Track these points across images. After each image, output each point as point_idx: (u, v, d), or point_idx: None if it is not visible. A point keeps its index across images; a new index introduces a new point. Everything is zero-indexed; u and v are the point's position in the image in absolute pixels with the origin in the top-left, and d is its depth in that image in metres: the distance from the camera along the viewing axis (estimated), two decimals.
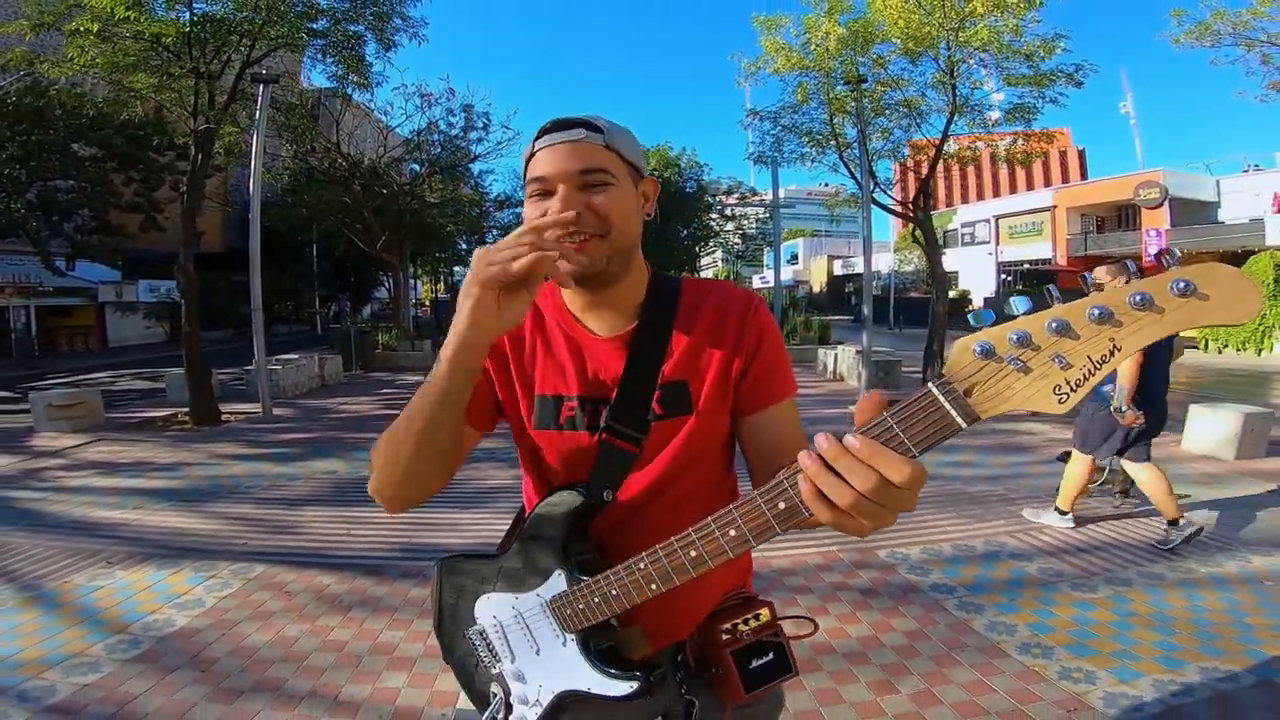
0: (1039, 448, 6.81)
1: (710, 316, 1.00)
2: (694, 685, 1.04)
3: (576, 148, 0.91)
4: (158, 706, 2.44)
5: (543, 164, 0.91)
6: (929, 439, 0.63)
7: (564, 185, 0.90)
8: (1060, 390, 0.59)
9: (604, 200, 0.91)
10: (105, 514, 4.73)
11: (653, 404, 0.97)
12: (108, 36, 7.39)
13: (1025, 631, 2.97)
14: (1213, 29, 12.84)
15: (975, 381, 0.61)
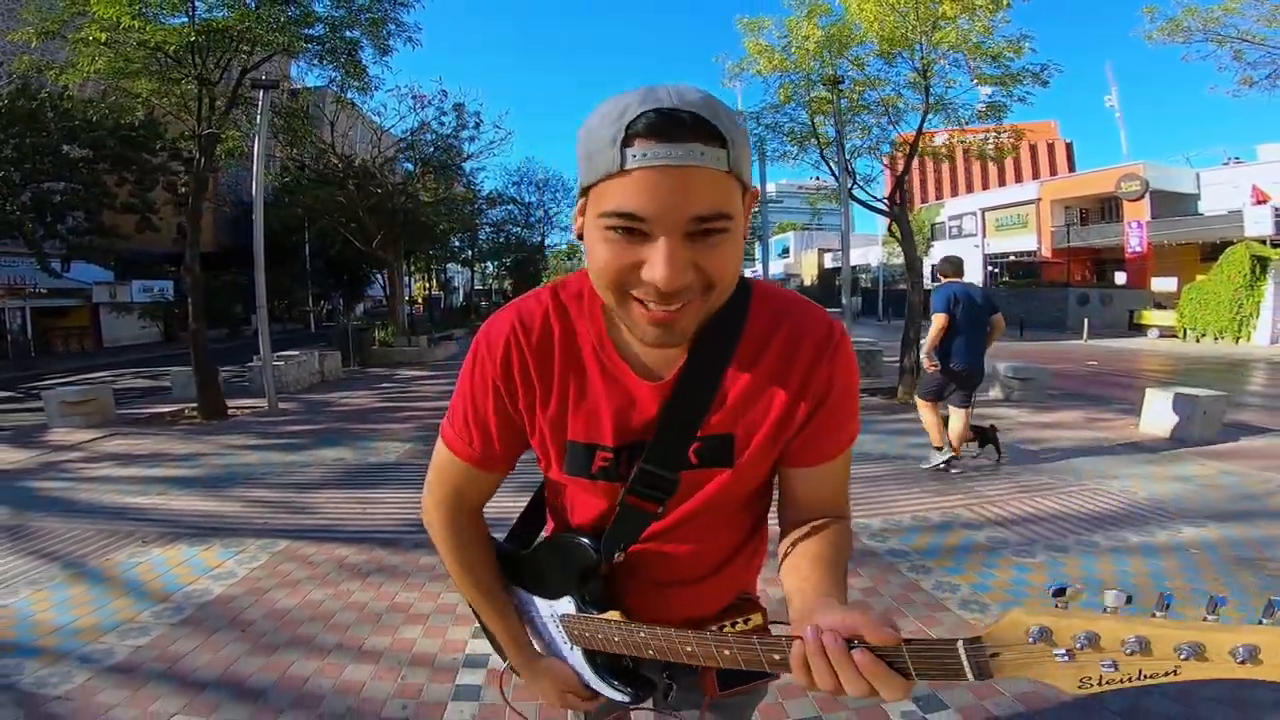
0: (1005, 430, 7.22)
1: (778, 353, 0.85)
2: (674, 669, 1.02)
3: (695, 177, 0.66)
4: (205, 662, 2.79)
5: (639, 194, 0.66)
6: (932, 677, 0.62)
7: (669, 236, 0.67)
8: (1087, 682, 0.55)
9: (719, 257, 0.70)
10: (131, 500, 5.09)
11: (689, 454, 0.86)
12: (113, 44, 7.68)
13: (966, 590, 3.37)
14: (1184, 25, 13.22)
15: (1010, 653, 0.57)
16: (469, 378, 0.90)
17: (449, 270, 39.67)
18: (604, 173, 0.67)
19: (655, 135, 0.65)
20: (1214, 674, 0.51)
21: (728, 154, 0.67)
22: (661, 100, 0.66)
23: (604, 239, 0.70)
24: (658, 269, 0.67)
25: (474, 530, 1.01)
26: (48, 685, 2.55)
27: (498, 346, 0.87)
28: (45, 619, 3.14)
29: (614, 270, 0.70)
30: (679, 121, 0.65)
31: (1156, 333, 22.78)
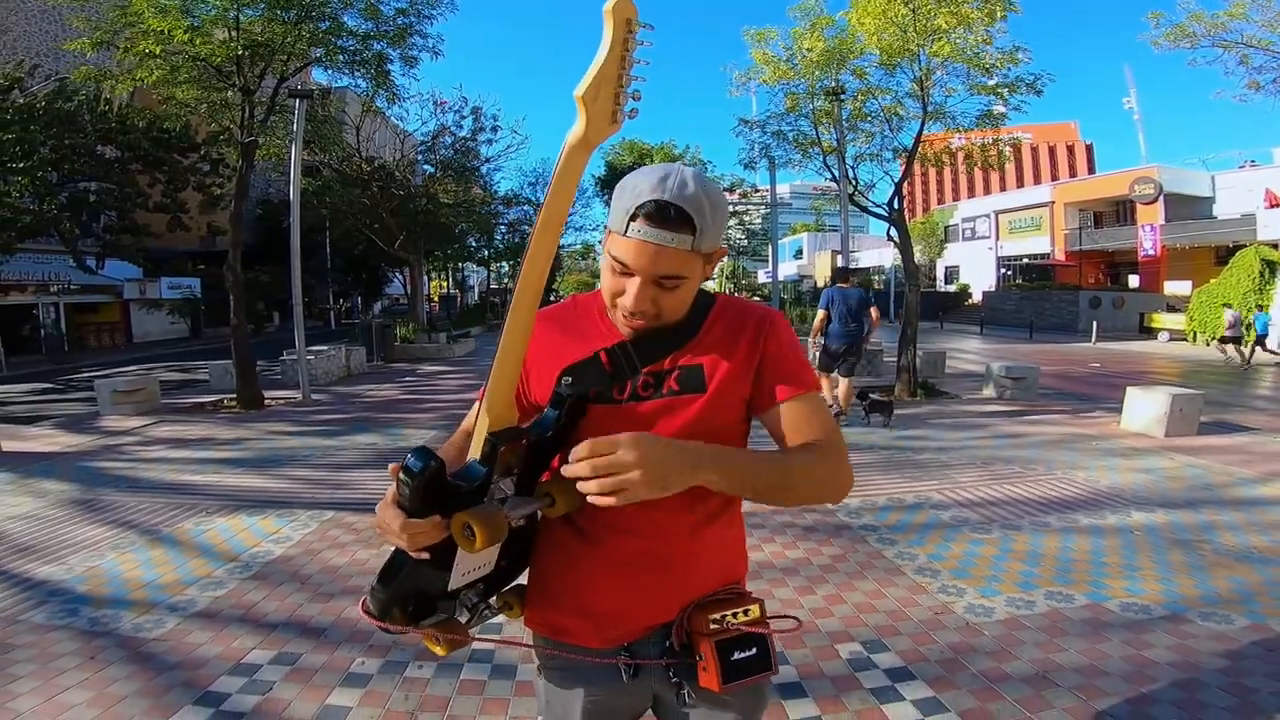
0: (991, 425, 7.71)
1: (728, 325, 1.11)
2: (680, 671, 1.09)
3: (663, 253, 0.96)
4: (274, 608, 3.32)
5: (629, 253, 0.98)
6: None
7: (640, 282, 0.99)
8: None
9: (671, 297, 1.02)
10: (189, 478, 5.69)
11: (672, 383, 1.08)
12: (165, 55, 8.28)
13: (923, 559, 3.85)
14: (1189, 31, 13.45)
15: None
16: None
17: (465, 269, 40.36)
18: (618, 229, 0.99)
19: (648, 220, 0.96)
20: None
21: (694, 238, 0.97)
22: (665, 192, 0.95)
23: (609, 268, 1.03)
24: (628, 299, 1.01)
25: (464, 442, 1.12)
26: (144, 630, 3.04)
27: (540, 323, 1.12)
28: (133, 576, 3.66)
29: (609, 289, 1.04)
30: (666, 214, 0.95)
31: (1167, 336, 22.88)
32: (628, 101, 0.87)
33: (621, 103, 0.87)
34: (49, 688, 2.55)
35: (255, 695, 2.53)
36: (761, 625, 1.06)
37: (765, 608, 1.09)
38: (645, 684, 1.13)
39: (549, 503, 0.98)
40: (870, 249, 48.51)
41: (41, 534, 4.30)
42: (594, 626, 1.10)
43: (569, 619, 1.12)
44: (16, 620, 3.11)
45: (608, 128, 0.87)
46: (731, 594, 1.12)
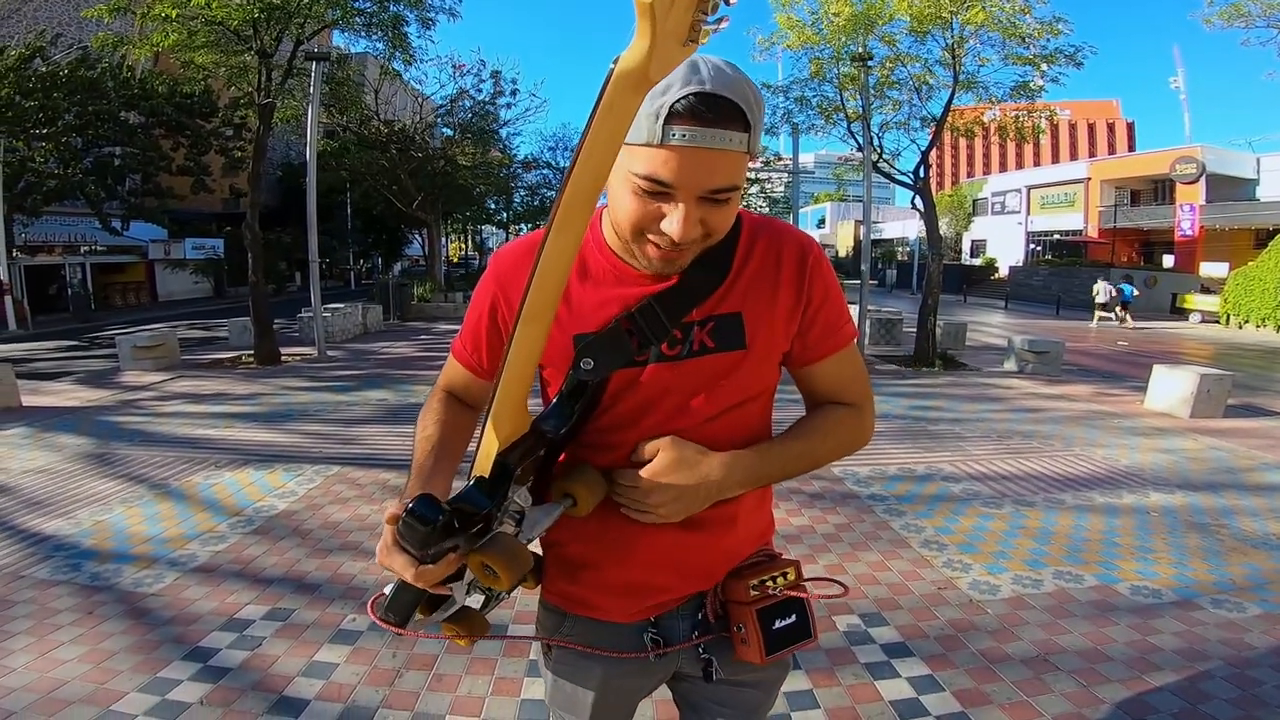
0: (1010, 399, 7.57)
1: (767, 255, 0.93)
2: (711, 646, 1.01)
3: (719, 159, 0.76)
4: (273, 563, 3.34)
5: (671, 167, 0.75)
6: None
7: (686, 202, 0.78)
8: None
9: (723, 214, 0.82)
10: (202, 432, 5.76)
11: (704, 337, 0.90)
12: (182, 19, 8.24)
13: (930, 532, 3.78)
14: (1244, 10, 12.92)
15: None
16: (476, 293, 1.01)
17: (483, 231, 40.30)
18: (643, 140, 0.75)
19: (693, 118, 0.73)
20: None
21: (749, 137, 0.77)
22: (703, 82, 0.73)
23: (632, 191, 0.79)
24: (675, 226, 0.78)
25: (454, 407, 1.04)
26: (143, 585, 3.07)
27: (503, 265, 0.97)
28: (138, 531, 3.70)
29: (637, 218, 0.81)
30: (715, 107, 0.73)
31: (1199, 317, 22.30)
32: (718, 7, 0.59)
33: (706, 10, 0.59)
34: (43, 644, 2.57)
35: (244, 651, 2.54)
36: (801, 589, 0.99)
37: (801, 569, 1.02)
38: (669, 661, 1.03)
39: (571, 504, 0.88)
40: (894, 220, 47.69)
41: (53, 488, 4.36)
42: (620, 598, 0.98)
43: (591, 591, 1.00)
44: (20, 576, 3.15)
45: (679, 50, 0.62)
46: (764, 556, 1.05)
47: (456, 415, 1.03)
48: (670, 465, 0.86)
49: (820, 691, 2.36)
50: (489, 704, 2.28)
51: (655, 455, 0.88)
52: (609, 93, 0.65)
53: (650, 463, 0.87)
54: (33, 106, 15.34)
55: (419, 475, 0.91)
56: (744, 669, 1.01)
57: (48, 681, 2.33)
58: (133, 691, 2.29)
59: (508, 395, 0.81)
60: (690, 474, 0.87)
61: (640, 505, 0.87)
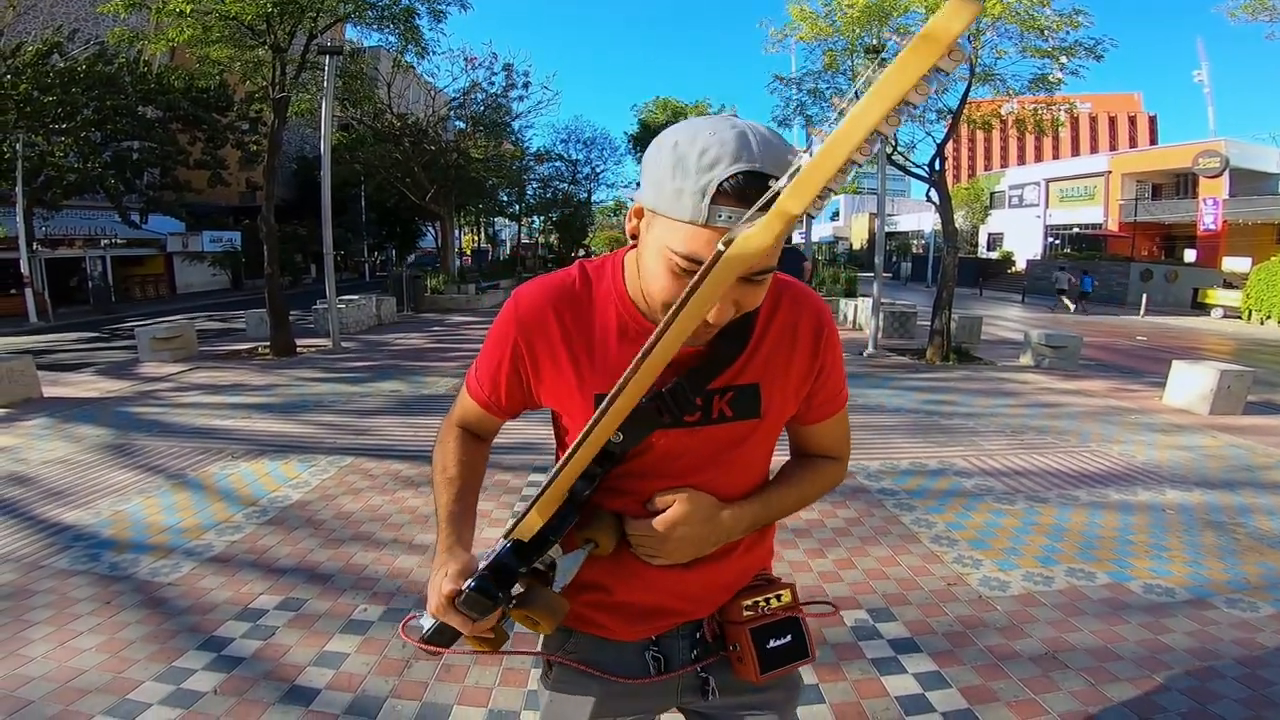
0: (1025, 394, 7.50)
1: (786, 323, 0.95)
2: (711, 665, 1.04)
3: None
4: (286, 553, 3.39)
5: (712, 248, 0.72)
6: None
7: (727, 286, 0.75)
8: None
9: (755, 293, 0.80)
10: (219, 423, 5.83)
11: (724, 406, 0.92)
12: (196, 14, 8.32)
13: (941, 527, 3.76)
14: (1269, 4, 12.64)
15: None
16: (494, 333, 0.99)
17: (496, 224, 40.44)
18: (686, 217, 0.73)
19: (741, 200, 0.70)
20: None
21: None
22: (754, 159, 0.70)
23: (669, 269, 0.77)
24: (711, 314, 0.76)
25: (471, 444, 1.08)
26: (160, 574, 3.12)
27: (526, 309, 0.95)
28: (155, 521, 3.75)
29: (670, 297, 0.78)
30: (764, 188, 0.69)
31: (1220, 312, 21.99)
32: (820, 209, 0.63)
33: (834, 185, 0.64)
34: (62, 633, 2.62)
35: (257, 640, 2.58)
36: (796, 609, 1.03)
37: (797, 592, 1.05)
38: (668, 688, 1.06)
39: (594, 547, 0.94)
40: (909, 213, 47.26)
41: (73, 478, 4.44)
42: (626, 619, 1.02)
43: (598, 612, 1.02)
44: (40, 565, 3.21)
45: (785, 231, 0.69)
46: (762, 580, 1.08)
47: (473, 453, 1.08)
48: (684, 517, 0.91)
49: (826, 686, 2.37)
50: (496, 694, 2.30)
51: (670, 506, 0.92)
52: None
53: (665, 512, 0.92)
54: (51, 102, 15.56)
55: (451, 524, 0.98)
56: (744, 689, 1.04)
57: (66, 671, 2.38)
58: (148, 680, 2.33)
59: (561, 487, 0.87)
60: (703, 525, 0.92)
61: (653, 551, 0.92)
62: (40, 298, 16.80)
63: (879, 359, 9.71)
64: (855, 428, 5.70)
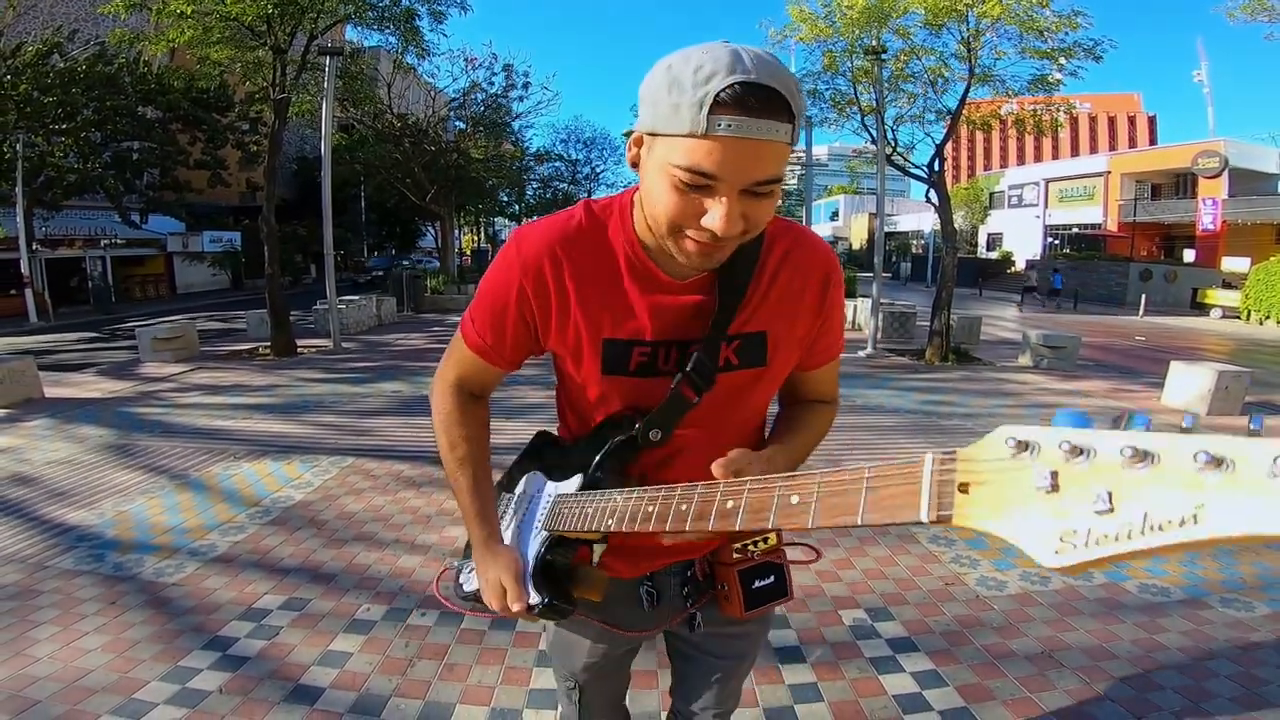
0: (1025, 394, 7.53)
1: (796, 269, 0.96)
2: (699, 600, 1.12)
3: (766, 150, 0.74)
4: (289, 553, 3.41)
5: (717, 158, 0.74)
6: (881, 516, 0.54)
7: (729, 195, 0.76)
8: (1069, 540, 0.39)
9: (763, 210, 0.80)
10: (221, 423, 5.86)
11: (729, 354, 0.94)
12: (196, 15, 8.34)
13: (939, 527, 3.79)
14: (1268, 4, 12.66)
15: (983, 479, 0.46)
16: (493, 278, 0.96)
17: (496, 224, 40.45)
18: (685, 130, 0.73)
19: (741, 108, 0.71)
20: (1241, 505, 0.33)
21: (792, 128, 0.75)
22: (749, 72, 0.71)
23: (671, 185, 0.77)
24: (718, 221, 0.77)
25: (473, 410, 1.06)
26: (164, 574, 3.14)
27: (530, 252, 0.92)
28: (159, 521, 3.78)
29: (676, 213, 0.79)
30: (761, 96, 0.71)
31: (1219, 313, 22.04)
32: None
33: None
34: (68, 633, 2.64)
35: (261, 640, 2.60)
36: (780, 553, 1.07)
37: (782, 536, 1.09)
38: (662, 613, 1.13)
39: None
40: (909, 213, 47.25)
41: (77, 479, 4.46)
42: (625, 560, 1.07)
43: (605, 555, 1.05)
44: (45, 565, 3.24)
45: None
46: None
47: (477, 422, 1.07)
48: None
49: (824, 685, 2.39)
50: (499, 693, 2.33)
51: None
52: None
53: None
54: (52, 102, 15.58)
55: (479, 517, 1.03)
56: (728, 623, 1.12)
57: (72, 670, 2.40)
58: (154, 680, 2.36)
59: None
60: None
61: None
62: (40, 298, 16.81)
63: (878, 359, 9.74)
64: (855, 428, 5.87)
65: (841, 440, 5.45)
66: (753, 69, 0.72)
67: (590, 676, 1.24)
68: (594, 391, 0.98)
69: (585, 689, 1.26)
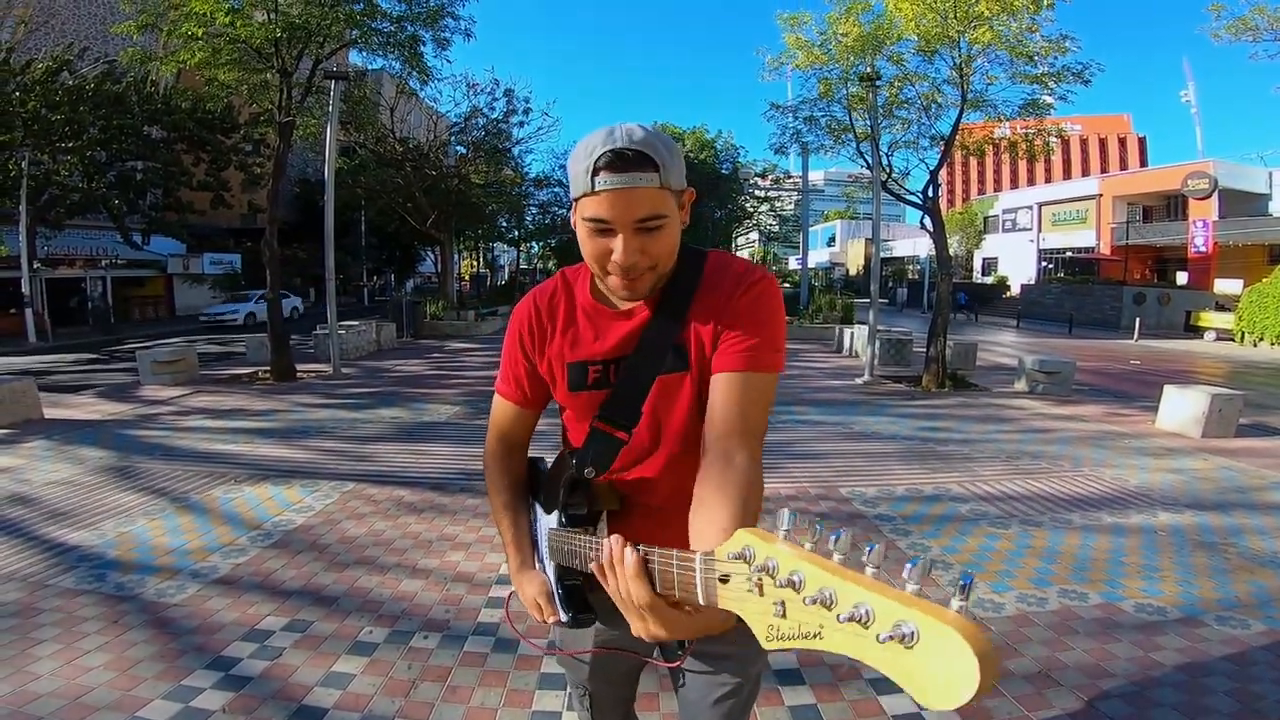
0: (1020, 419, 7.56)
1: (714, 289, 1.08)
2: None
3: (636, 194, 0.95)
4: (291, 575, 3.42)
5: (603, 207, 0.96)
6: (677, 591, 0.71)
7: (624, 233, 0.97)
8: (773, 631, 0.56)
9: (659, 241, 0.99)
10: (222, 447, 5.88)
11: (651, 386, 1.09)
12: (207, 37, 8.51)
13: (936, 551, 3.81)
14: (1251, 24, 12.94)
15: (733, 580, 0.61)
16: (507, 339, 1.22)
17: (495, 249, 40.71)
18: (582, 191, 0.98)
19: (610, 168, 0.95)
20: (863, 654, 0.48)
21: (659, 175, 0.96)
22: (616, 141, 0.95)
23: (588, 234, 1.00)
24: (618, 254, 0.99)
25: (512, 462, 1.28)
26: (166, 595, 3.15)
27: (523, 310, 1.20)
28: (161, 543, 3.79)
29: (595, 255, 1.02)
30: (625, 158, 0.94)
31: (1213, 335, 22.18)
32: None
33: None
34: (70, 651, 2.65)
35: (264, 661, 2.61)
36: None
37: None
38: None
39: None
40: (905, 238, 47.66)
41: (77, 500, 4.47)
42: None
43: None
44: (46, 584, 3.25)
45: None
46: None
47: (514, 472, 1.28)
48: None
49: (824, 706, 2.41)
50: (501, 715, 2.34)
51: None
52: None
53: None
54: (59, 120, 15.67)
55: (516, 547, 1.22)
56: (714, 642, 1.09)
57: (74, 688, 2.41)
58: (157, 699, 2.36)
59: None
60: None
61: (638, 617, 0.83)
62: (40, 318, 16.83)
63: (875, 386, 9.79)
64: (853, 455, 5.92)
65: (837, 468, 5.49)
66: (621, 139, 0.95)
67: (599, 684, 1.35)
68: (570, 408, 1.18)
69: (595, 695, 1.37)
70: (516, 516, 1.24)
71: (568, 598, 1.10)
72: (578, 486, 1.11)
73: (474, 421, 7.06)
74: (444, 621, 2.96)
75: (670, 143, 1.00)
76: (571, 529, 1.07)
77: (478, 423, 6.99)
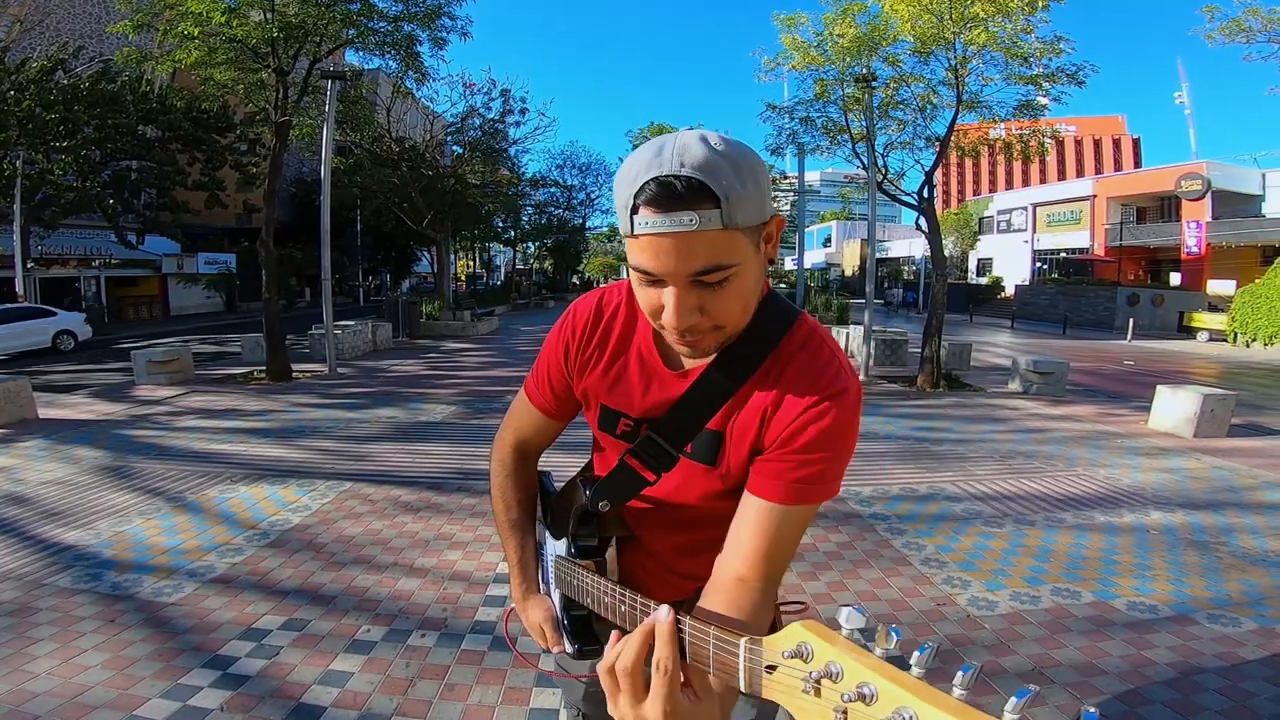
0: (1014, 419, 7.60)
1: (787, 381, 0.86)
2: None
3: (689, 240, 0.72)
4: (288, 575, 3.42)
5: (646, 255, 0.75)
6: (715, 670, 0.61)
7: (678, 287, 0.76)
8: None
9: (722, 298, 0.78)
10: (217, 447, 5.87)
11: (687, 445, 0.92)
12: (204, 37, 8.50)
13: (931, 550, 3.83)
14: (1245, 26, 13.02)
15: (781, 672, 0.56)
16: (552, 336, 1.06)
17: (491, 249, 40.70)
18: (625, 233, 0.76)
19: (653, 206, 0.72)
20: None
21: (721, 212, 0.71)
22: (664, 166, 0.71)
23: (638, 282, 0.80)
24: (668, 315, 0.78)
25: (522, 471, 1.17)
26: (163, 594, 3.15)
27: (580, 315, 1.02)
28: (157, 542, 3.78)
29: (647, 309, 0.82)
30: (673, 192, 0.71)
31: (1206, 336, 22.30)
32: None
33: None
34: (67, 650, 2.66)
35: (262, 660, 2.62)
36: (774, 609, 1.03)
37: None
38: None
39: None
40: (900, 238, 47.78)
41: (72, 499, 4.47)
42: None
43: None
44: (42, 584, 3.25)
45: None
46: None
47: (526, 487, 1.18)
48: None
49: None
50: (499, 713, 2.35)
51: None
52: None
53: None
54: (54, 119, 15.63)
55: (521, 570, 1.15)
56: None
57: (72, 687, 2.41)
58: (155, 697, 2.37)
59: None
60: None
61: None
62: None
63: (870, 386, 9.82)
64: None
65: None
66: (668, 161, 0.72)
67: (594, 707, 1.30)
68: (598, 437, 1.08)
69: (589, 716, 1.32)
70: (524, 538, 1.15)
71: (573, 629, 1.05)
72: (588, 518, 1.02)
73: (470, 421, 7.06)
74: (441, 620, 2.97)
75: (744, 160, 0.75)
76: (580, 560, 1.00)
77: (474, 423, 7.00)
